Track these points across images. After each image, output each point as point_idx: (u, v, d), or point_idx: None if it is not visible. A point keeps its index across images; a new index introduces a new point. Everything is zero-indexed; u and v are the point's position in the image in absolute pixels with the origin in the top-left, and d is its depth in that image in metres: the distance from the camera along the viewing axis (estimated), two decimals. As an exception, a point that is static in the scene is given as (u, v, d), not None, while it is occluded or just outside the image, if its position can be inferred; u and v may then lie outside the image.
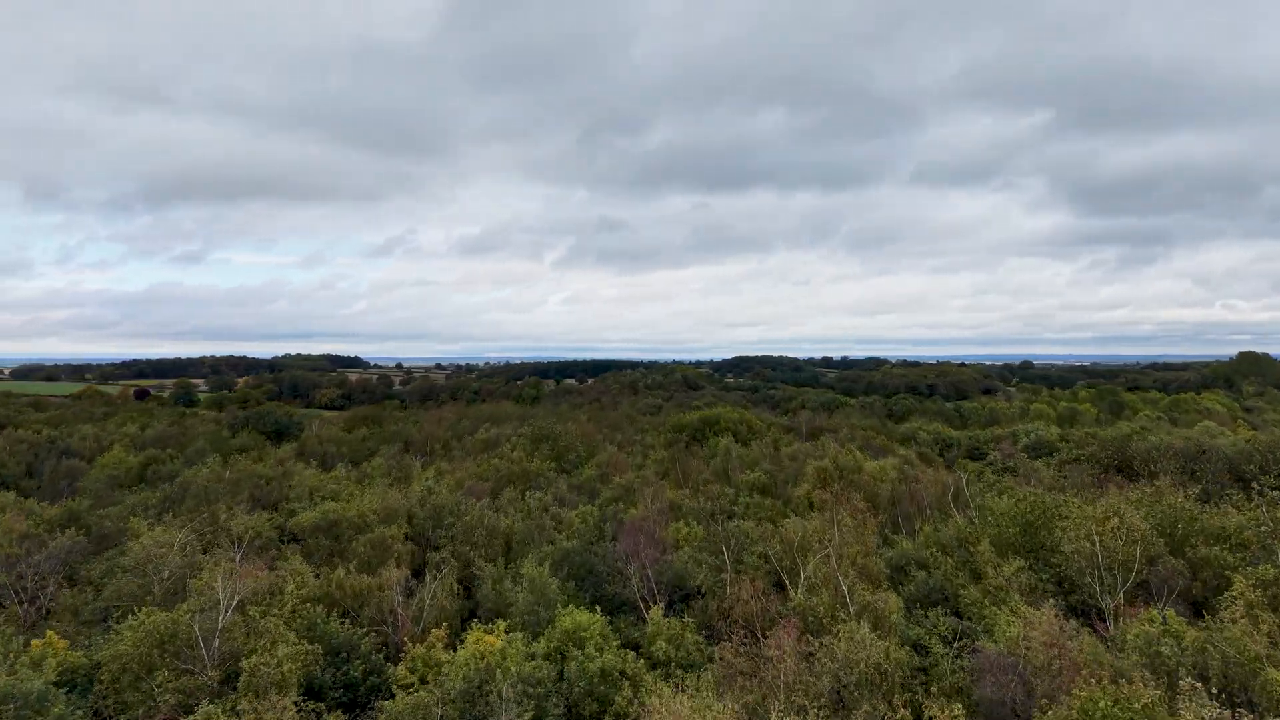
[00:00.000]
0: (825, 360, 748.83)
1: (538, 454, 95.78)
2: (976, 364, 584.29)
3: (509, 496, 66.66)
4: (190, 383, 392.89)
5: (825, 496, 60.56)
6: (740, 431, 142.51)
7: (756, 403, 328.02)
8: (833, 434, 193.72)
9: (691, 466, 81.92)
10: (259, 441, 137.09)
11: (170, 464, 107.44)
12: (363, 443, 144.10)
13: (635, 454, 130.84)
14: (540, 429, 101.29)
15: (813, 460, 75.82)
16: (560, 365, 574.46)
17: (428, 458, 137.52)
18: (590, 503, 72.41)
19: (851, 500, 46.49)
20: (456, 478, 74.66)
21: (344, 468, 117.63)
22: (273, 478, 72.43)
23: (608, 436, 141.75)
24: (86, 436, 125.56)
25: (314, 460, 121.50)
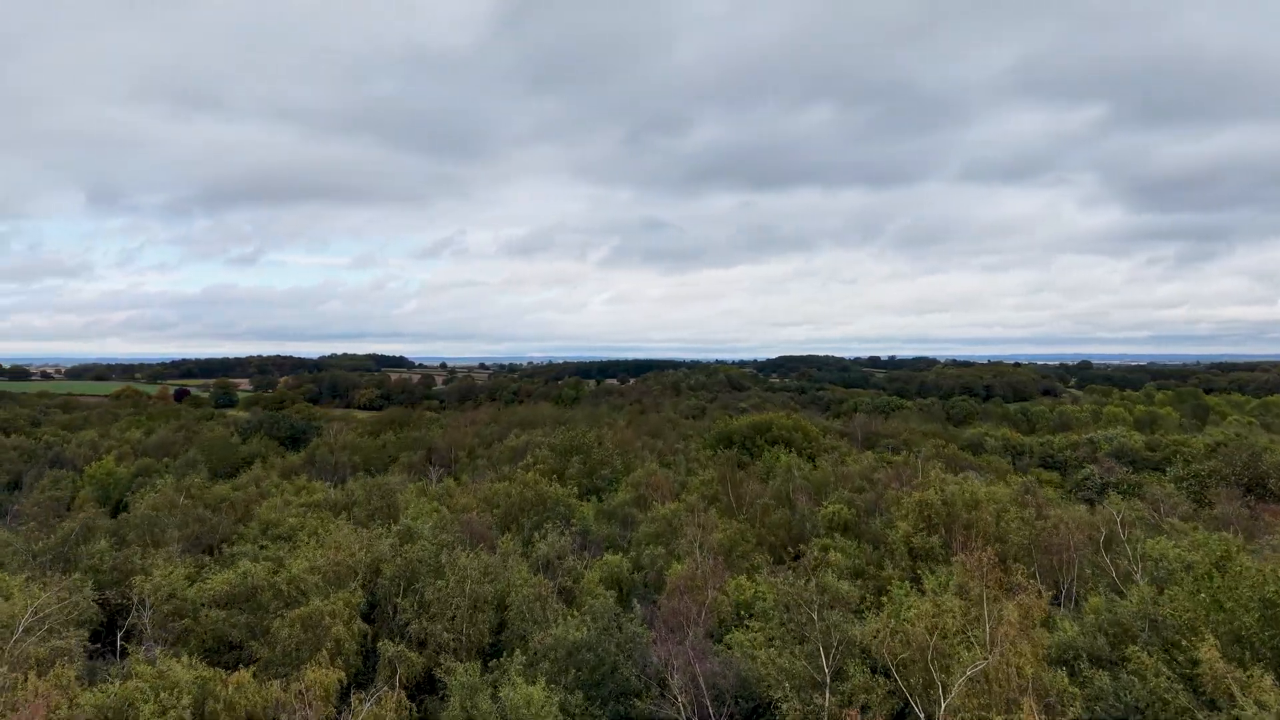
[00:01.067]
0: (873, 360, 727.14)
1: (566, 469, 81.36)
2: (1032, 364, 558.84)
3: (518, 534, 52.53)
4: (229, 383, 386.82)
5: (932, 543, 45.14)
6: (794, 440, 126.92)
7: (804, 404, 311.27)
8: (891, 439, 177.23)
9: (746, 488, 66.90)
10: (271, 449, 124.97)
11: (162, 475, 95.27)
12: (382, 450, 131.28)
13: (678, 465, 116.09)
14: (570, 439, 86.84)
15: (902, 489, 60.22)
16: (602, 365, 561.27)
17: (449, 468, 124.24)
18: (622, 538, 57.90)
19: (982, 556, 31.11)
20: (462, 502, 60.71)
21: (354, 481, 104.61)
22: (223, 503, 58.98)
23: (647, 444, 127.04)
24: (84, 443, 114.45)
25: (324, 472, 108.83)
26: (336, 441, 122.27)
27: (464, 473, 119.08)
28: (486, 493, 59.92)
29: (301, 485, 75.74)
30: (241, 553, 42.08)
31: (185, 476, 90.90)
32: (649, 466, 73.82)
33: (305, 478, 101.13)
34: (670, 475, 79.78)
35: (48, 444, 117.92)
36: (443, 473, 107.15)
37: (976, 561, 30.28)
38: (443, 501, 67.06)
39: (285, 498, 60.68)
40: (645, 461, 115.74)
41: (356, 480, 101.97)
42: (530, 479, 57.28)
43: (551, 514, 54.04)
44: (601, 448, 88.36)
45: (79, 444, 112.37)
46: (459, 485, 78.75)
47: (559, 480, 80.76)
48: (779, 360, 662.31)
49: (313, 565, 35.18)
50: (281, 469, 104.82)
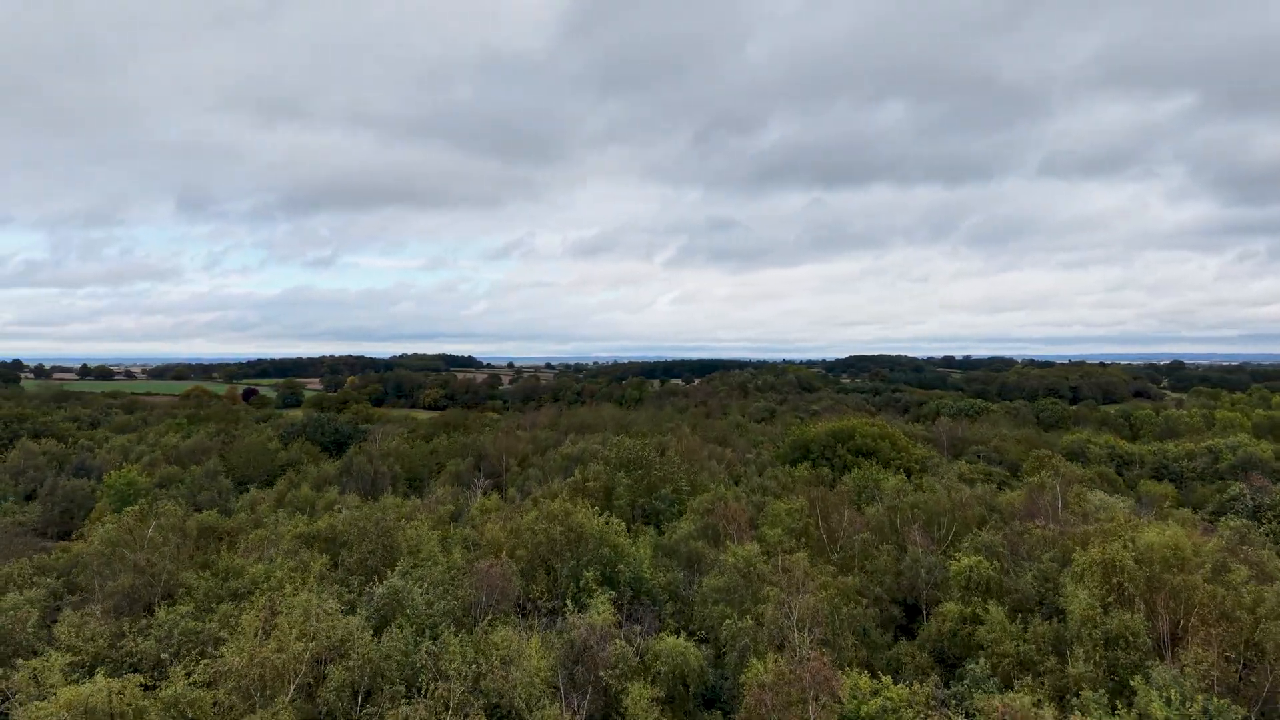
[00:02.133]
0: (947, 360, 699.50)
1: (620, 487, 68.56)
2: (1119, 364, 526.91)
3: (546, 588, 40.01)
4: (297, 383, 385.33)
5: (1133, 624, 30.77)
6: (881, 450, 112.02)
7: (880, 407, 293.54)
8: (980, 446, 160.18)
9: (840, 518, 53.10)
10: (311, 455, 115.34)
11: (180, 485, 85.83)
12: (429, 456, 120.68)
13: (748, 477, 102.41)
14: (626, 451, 73.95)
15: (1048, 527, 45.58)
16: (667, 365, 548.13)
17: (499, 477, 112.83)
18: (687, 586, 44.80)
19: (1216, 650, 17.24)
20: (491, 535, 48.38)
21: (392, 496, 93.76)
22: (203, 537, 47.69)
23: (714, 453, 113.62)
24: (114, 449, 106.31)
25: (361, 482, 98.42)
26: (379, 448, 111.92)
27: (514, 483, 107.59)
28: (519, 525, 47.64)
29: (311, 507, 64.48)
30: (167, 622, 30.56)
31: (201, 491, 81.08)
32: (718, 489, 60.47)
33: (337, 490, 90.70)
34: (744, 499, 66.22)
35: (81, 450, 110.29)
36: (489, 485, 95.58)
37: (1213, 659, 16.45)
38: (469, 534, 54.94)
39: (277, 531, 49.37)
40: (712, 474, 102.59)
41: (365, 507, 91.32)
42: (560, 509, 44.51)
43: (593, 558, 41.27)
44: (663, 460, 75.23)
45: (110, 450, 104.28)
46: (495, 512, 66.51)
47: (608, 500, 68.25)
48: (849, 360, 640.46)
49: (222, 669, 23.34)
50: (315, 479, 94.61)
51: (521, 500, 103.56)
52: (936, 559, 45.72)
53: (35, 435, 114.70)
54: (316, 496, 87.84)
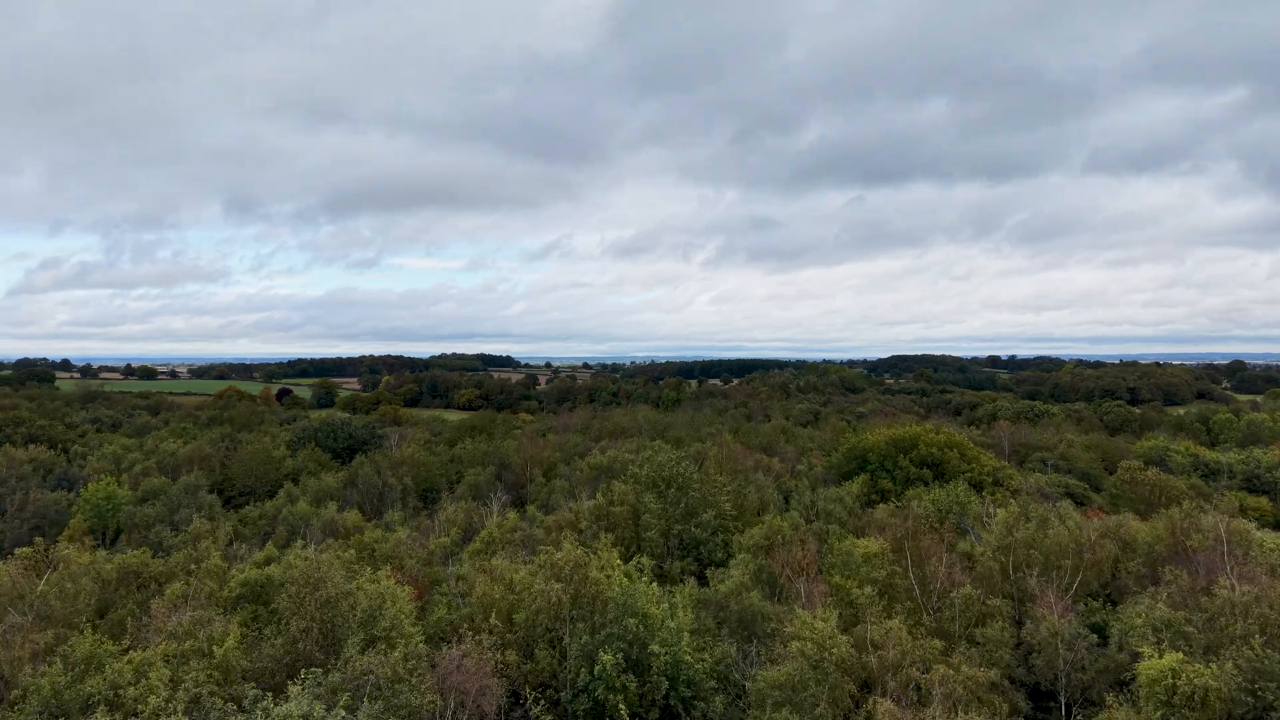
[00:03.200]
0: (992, 360, 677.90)
1: (650, 514, 56.70)
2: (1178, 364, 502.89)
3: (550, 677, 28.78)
4: (332, 382, 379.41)
5: None
6: (949, 461, 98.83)
7: (929, 409, 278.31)
8: (1045, 453, 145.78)
9: (935, 564, 40.75)
10: (322, 463, 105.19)
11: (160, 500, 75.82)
12: (449, 465, 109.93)
13: (800, 493, 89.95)
14: (661, 468, 61.96)
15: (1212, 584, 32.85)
16: (705, 365, 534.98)
17: (521, 490, 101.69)
18: (740, 673, 32.98)
19: None
20: (481, 591, 36.63)
21: (398, 511, 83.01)
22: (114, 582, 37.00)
23: (760, 463, 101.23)
24: (107, 456, 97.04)
25: (368, 495, 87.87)
26: (394, 456, 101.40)
27: (537, 496, 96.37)
28: (517, 578, 35.97)
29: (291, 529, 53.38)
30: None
31: (178, 510, 70.87)
32: (772, 521, 48.28)
33: (335, 505, 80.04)
34: (803, 528, 53.95)
35: (74, 456, 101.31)
36: (506, 501, 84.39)
37: None
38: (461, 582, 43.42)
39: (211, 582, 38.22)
40: (759, 488, 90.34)
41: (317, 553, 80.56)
42: (569, 561, 32.80)
43: (614, 633, 29.60)
44: (703, 479, 63.23)
45: (101, 458, 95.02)
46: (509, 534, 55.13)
47: (637, 527, 56.46)
48: (891, 360, 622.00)
49: None
50: (315, 493, 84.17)
51: (544, 518, 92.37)
52: (1078, 629, 33.35)
53: (30, 440, 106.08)
54: (312, 513, 77.41)
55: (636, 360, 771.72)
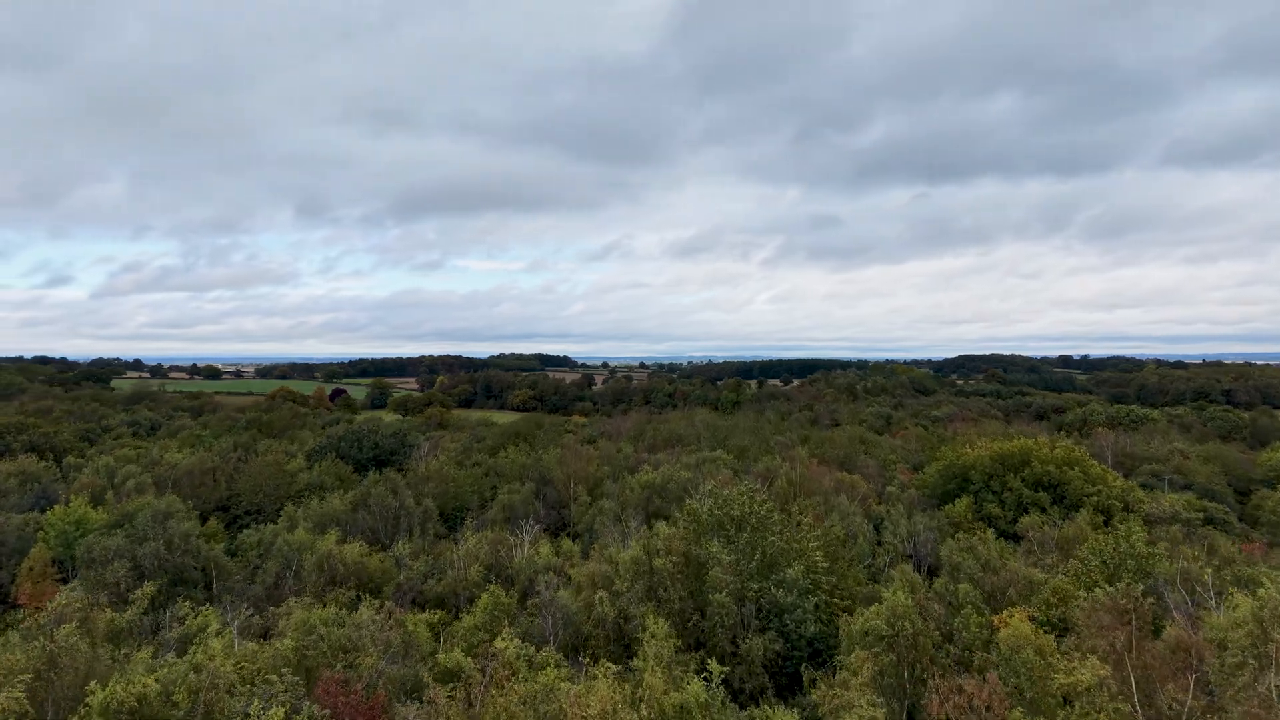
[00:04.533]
0: (1064, 360, 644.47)
1: (720, 565, 41.50)
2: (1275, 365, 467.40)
3: None
4: (386, 382, 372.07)
5: None
6: (1071, 484, 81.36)
7: (1008, 412, 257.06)
8: (1156, 464, 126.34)
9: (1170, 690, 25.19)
10: (343, 476, 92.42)
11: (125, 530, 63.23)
12: (484, 479, 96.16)
13: (894, 522, 73.65)
14: (725, 505, 46.48)
15: None
16: (764, 365, 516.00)
17: (562, 509, 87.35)
18: None
19: None
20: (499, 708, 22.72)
21: (406, 542, 69.23)
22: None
23: (841, 483, 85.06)
24: (100, 469, 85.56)
25: (382, 519, 74.35)
26: (419, 470, 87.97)
27: (581, 519, 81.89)
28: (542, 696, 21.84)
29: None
30: None
31: (143, 543, 58.08)
32: (894, 595, 32.71)
33: (336, 534, 66.58)
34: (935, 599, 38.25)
35: (67, 469, 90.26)
36: (539, 531, 69.97)
37: None
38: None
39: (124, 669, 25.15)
40: (844, 516, 74.46)
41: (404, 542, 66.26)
42: (602, 709, 18.55)
43: None
44: (785, 519, 47.81)
45: (95, 471, 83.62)
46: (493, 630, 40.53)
47: (699, 580, 41.42)
48: (958, 360, 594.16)
49: None
50: (318, 518, 70.93)
51: (589, 546, 77.84)
52: None
53: (30, 449, 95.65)
54: (309, 543, 64.12)
55: (694, 360, 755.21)
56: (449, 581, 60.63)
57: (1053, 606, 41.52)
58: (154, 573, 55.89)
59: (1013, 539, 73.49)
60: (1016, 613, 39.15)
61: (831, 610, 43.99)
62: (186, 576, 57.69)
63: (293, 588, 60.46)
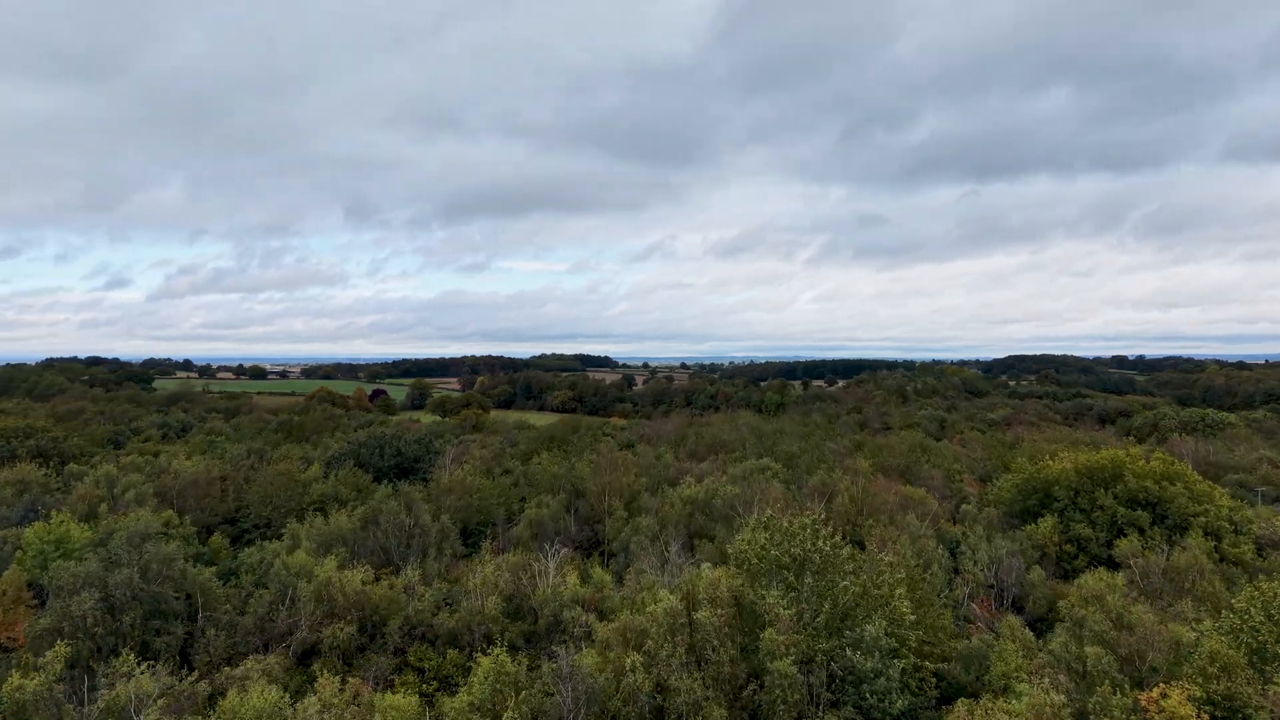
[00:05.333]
0: (1118, 360, 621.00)
1: (778, 622, 32.66)
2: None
3: None
4: (425, 383, 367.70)
5: None
6: (1175, 501, 70.63)
7: (1068, 415, 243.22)
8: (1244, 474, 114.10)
9: None
10: (361, 485, 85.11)
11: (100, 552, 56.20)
12: (512, 490, 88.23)
13: (972, 551, 63.83)
14: (784, 540, 37.51)
15: None
16: (808, 365, 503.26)
17: (596, 524, 78.93)
18: None
19: None
20: None
21: (414, 568, 61.35)
22: None
23: (907, 499, 75.27)
24: (100, 479, 79.16)
25: (394, 539, 66.59)
26: (441, 482, 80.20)
27: (614, 538, 73.34)
28: None
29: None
30: None
31: (116, 569, 50.89)
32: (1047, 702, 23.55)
33: (338, 555, 58.85)
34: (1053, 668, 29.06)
35: (67, 478, 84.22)
36: (567, 556, 61.50)
37: None
38: None
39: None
40: (915, 538, 65.01)
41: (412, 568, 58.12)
42: None
43: None
44: (858, 562, 38.74)
45: (95, 481, 77.32)
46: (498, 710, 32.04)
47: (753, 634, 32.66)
48: (1008, 360, 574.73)
49: None
50: (323, 536, 63.38)
51: (623, 567, 69.34)
52: None
53: (38, 454, 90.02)
54: (307, 566, 56.61)
55: (735, 360, 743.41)
56: (463, 614, 52.64)
57: (1212, 679, 31.90)
58: (127, 604, 48.67)
59: (1109, 565, 63.43)
60: (1171, 692, 29.73)
61: (922, 676, 34.86)
62: (165, 608, 50.37)
63: (287, 621, 52.97)
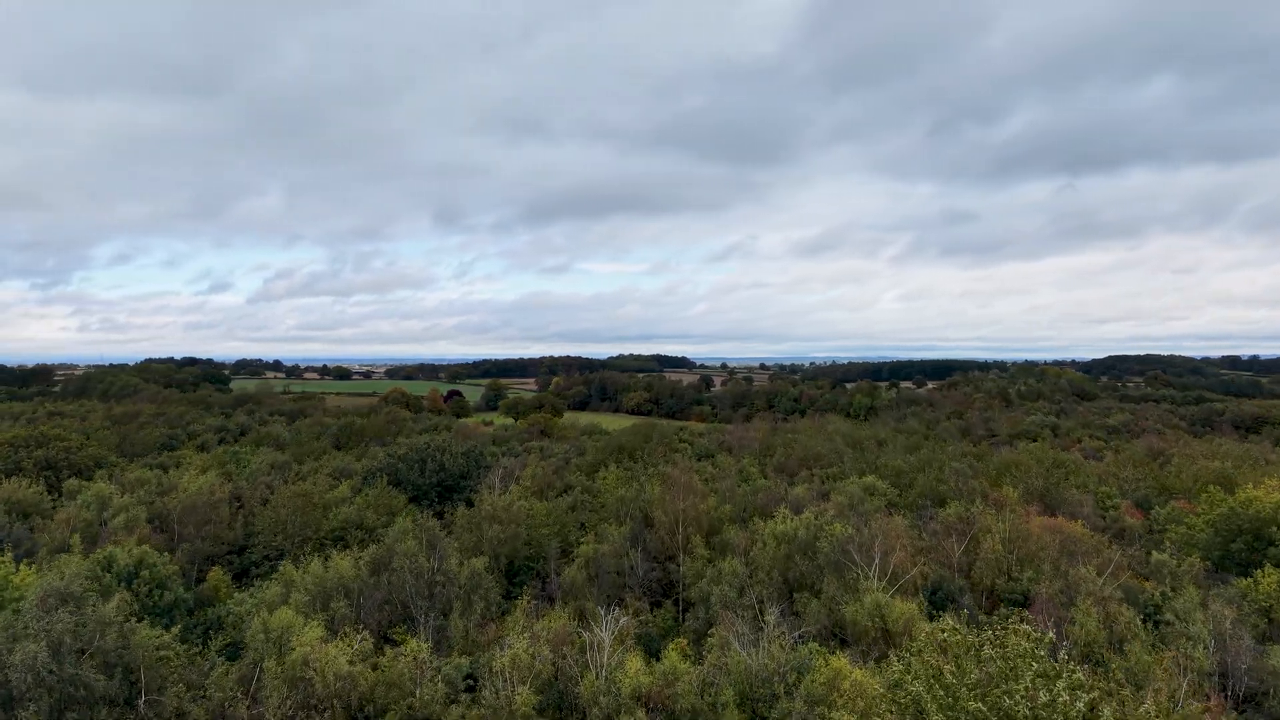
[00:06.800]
0: (1230, 360, 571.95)
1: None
2: None
3: None
4: (500, 383, 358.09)
5: None
6: None
7: (1195, 422, 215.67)
8: None
9: None
10: (395, 508, 71.43)
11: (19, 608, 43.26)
12: (568, 515, 73.21)
13: (1183, 617, 45.58)
14: (975, 679, 21.17)
15: None
16: (894, 366, 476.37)
17: (667, 561, 63.19)
18: None
19: None
20: None
21: (431, 626, 46.65)
22: None
23: (1068, 540, 56.87)
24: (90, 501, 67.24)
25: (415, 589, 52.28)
26: (483, 506, 65.59)
27: (693, 587, 57.53)
28: None
29: None
30: None
31: (19, 638, 37.60)
32: None
33: (337, 611, 44.63)
34: None
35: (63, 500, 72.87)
36: (623, 623, 45.64)
37: None
38: None
39: None
40: (1097, 598, 47.26)
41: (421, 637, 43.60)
42: None
43: None
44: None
45: (83, 504, 65.55)
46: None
47: None
48: (1108, 361, 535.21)
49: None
50: (317, 587, 49.27)
51: (703, 628, 53.32)
52: None
53: (45, 468, 79.43)
54: (299, 625, 42.54)
55: (816, 361, 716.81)
56: (485, 710, 37.75)
57: None
58: (29, 691, 35.35)
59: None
60: None
61: None
62: (87, 693, 36.90)
63: (252, 713, 38.96)
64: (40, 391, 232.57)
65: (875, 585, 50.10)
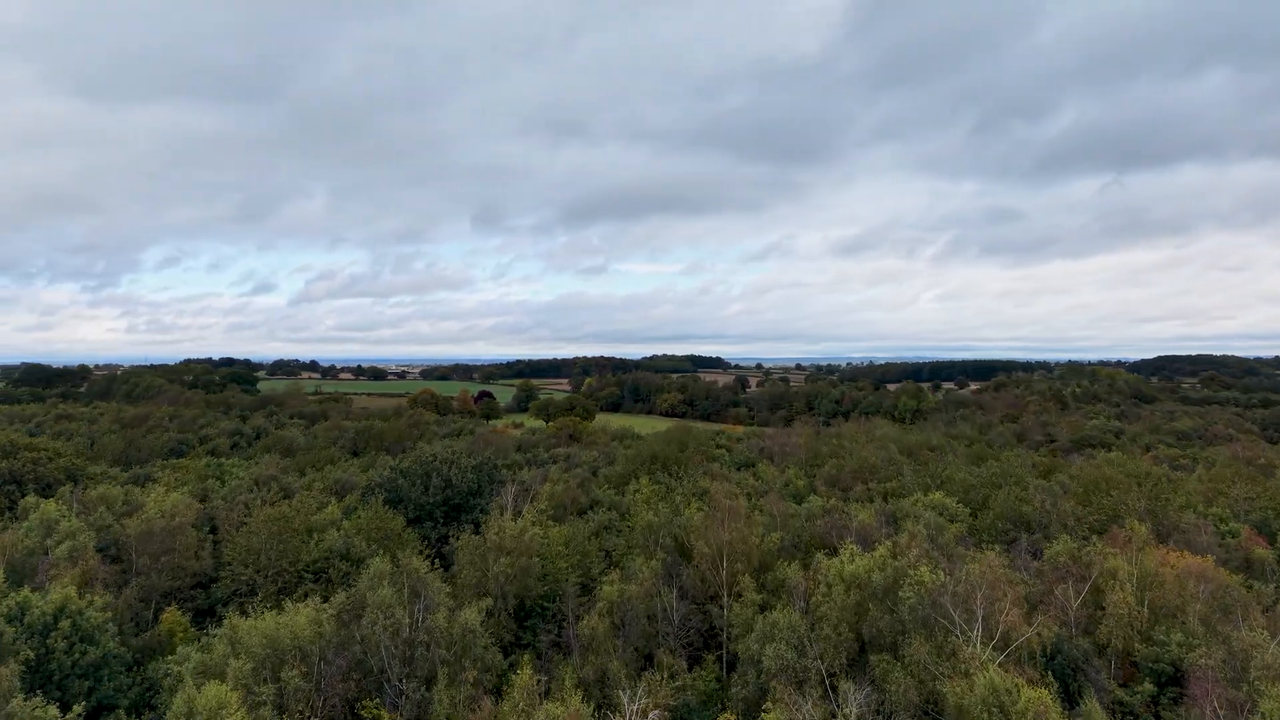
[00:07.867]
0: None
1: None
2: None
3: None
4: (532, 384, 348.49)
5: None
6: None
7: (1268, 425, 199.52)
8: None
9: None
10: (386, 535, 61.16)
11: None
12: (590, 541, 62.29)
13: None
14: None
15: None
16: (934, 366, 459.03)
17: (707, 603, 52.01)
18: None
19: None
20: None
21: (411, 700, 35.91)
22: None
23: (1232, 598, 44.59)
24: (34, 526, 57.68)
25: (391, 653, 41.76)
26: (490, 534, 54.94)
27: (740, 641, 46.35)
28: None
29: None
30: None
31: None
32: None
33: (290, 682, 34.22)
34: None
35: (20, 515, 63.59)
36: (653, 717, 34.49)
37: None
38: None
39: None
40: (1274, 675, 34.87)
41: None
42: None
43: None
44: None
45: (30, 527, 56.13)
46: None
47: None
48: (1158, 361, 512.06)
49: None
50: (269, 645, 38.83)
51: (754, 696, 41.90)
52: None
53: (10, 481, 70.30)
54: (231, 705, 32.02)
55: (853, 361, 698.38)
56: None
57: None
58: None
59: None
60: None
61: None
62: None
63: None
64: (63, 393, 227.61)
65: (979, 650, 38.47)
